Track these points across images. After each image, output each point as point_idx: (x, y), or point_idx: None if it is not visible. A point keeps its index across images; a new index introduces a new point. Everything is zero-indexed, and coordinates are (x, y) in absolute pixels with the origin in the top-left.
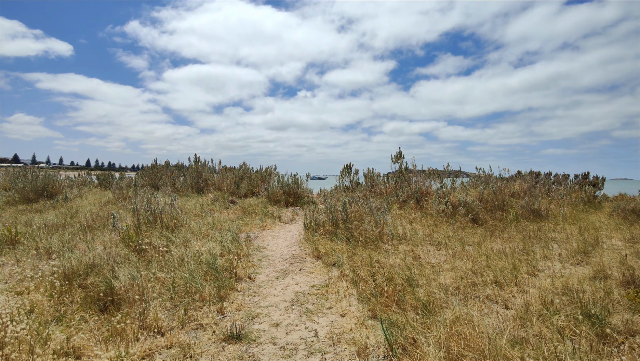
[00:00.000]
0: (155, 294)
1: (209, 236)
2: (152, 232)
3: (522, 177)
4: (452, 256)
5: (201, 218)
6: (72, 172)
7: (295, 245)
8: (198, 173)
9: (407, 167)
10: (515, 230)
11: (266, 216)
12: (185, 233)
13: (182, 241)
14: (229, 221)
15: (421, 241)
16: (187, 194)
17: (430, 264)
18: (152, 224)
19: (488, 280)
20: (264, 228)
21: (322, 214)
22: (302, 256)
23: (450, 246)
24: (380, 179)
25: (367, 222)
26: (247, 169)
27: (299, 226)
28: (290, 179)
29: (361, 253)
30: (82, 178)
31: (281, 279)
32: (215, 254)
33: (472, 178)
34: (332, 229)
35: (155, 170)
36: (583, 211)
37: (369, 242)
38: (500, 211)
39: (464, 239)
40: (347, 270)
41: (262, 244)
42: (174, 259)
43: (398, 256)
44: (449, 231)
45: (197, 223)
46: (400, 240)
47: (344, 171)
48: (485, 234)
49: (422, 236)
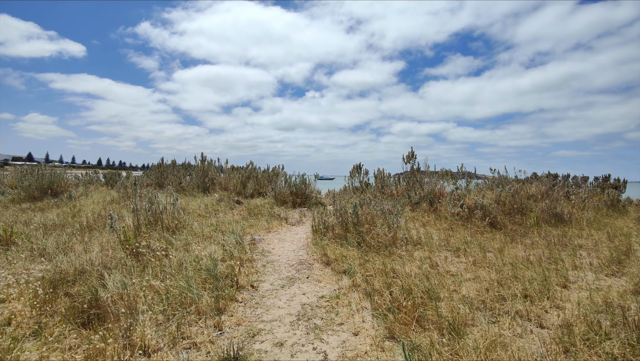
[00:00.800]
0: (146, 306)
1: (211, 238)
2: (152, 234)
3: (538, 180)
4: (472, 264)
5: (205, 218)
6: (81, 171)
7: (302, 249)
8: (204, 173)
9: (419, 167)
10: (537, 236)
11: (272, 218)
12: (186, 235)
13: (183, 244)
14: (233, 223)
15: (437, 247)
16: (192, 193)
17: (449, 273)
18: (152, 225)
19: (516, 293)
20: (269, 230)
21: (331, 216)
22: (310, 262)
23: (470, 253)
24: (390, 180)
25: (380, 226)
26: (253, 169)
27: (307, 228)
28: (297, 179)
29: (374, 259)
30: (89, 177)
31: (287, 288)
32: (217, 259)
33: (485, 180)
34: (342, 233)
35: (161, 169)
36: (607, 216)
37: (382, 247)
38: (520, 215)
39: (483, 244)
40: (359, 279)
41: (267, 248)
42: (172, 264)
43: (414, 264)
44: (466, 235)
45: (200, 224)
46: (414, 245)
47: (353, 171)
48: (505, 240)
49: (437, 241)
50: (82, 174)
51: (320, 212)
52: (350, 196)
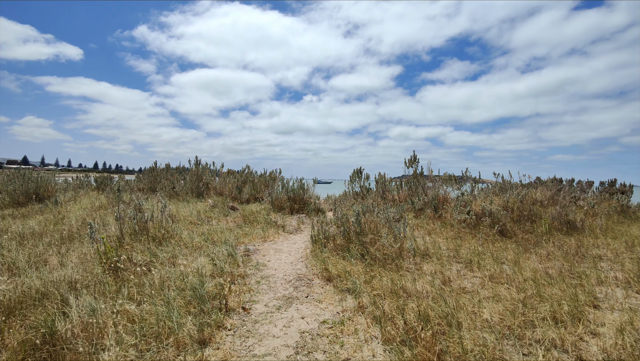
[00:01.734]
0: (114, 340)
1: (201, 249)
2: (136, 245)
3: (543, 184)
4: (489, 279)
5: (197, 226)
6: (72, 175)
7: (300, 262)
8: (198, 177)
9: (422, 172)
10: (553, 245)
11: (268, 225)
12: (174, 246)
13: (169, 257)
14: (226, 231)
15: (447, 259)
16: (186, 198)
17: (464, 290)
18: (137, 235)
19: (545, 315)
20: (265, 239)
21: (331, 225)
22: (309, 277)
23: (484, 266)
24: (392, 185)
25: (385, 236)
26: (250, 173)
27: (305, 237)
28: (295, 184)
29: (380, 274)
30: (80, 181)
31: (283, 310)
32: (205, 275)
33: (488, 185)
34: (344, 244)
35: (154, 173)
36: (619, 223)
37: (388, 260)
38: (529, 222)
39: (495, 255)
40: (365, 300)
41: (263, 261)
42: (154, 281)
43: (425, 280)
44: (475, 245)
45: (191, 234)
46: (423, 257)
47: (353, 175)
48: (518, 250)
49: (446, 251)
50: (73, 178)
51: (320, 220)
52: (352, 202)
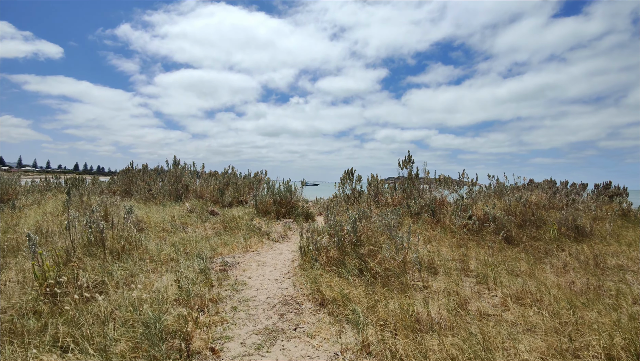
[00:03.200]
0: None
1: (170, 264)
2: (89, 260)
3: (539, 187)
4: (513, 300)
5: (170, 234)
6: (43, 176)
7: (287, 278)
8: (177, 178)
9: (417, 173)
10: (566, 254)
11: (251, 233)
12: (137, 260)
13: (127, 275)
14: (202, 240)
15: (456, 272)
16: (163, 202)
17: (486, 315)
18: (93, 247)
19: (599, 352)
20: (247, 250)
21: (324, 235)
22: (298, 299)
23: (501, 281)
24: (385, 187)
25: (386, 247)
26: (233, 174)
27: (292, 245)
28: (282, 186)
29: (385, 297)
30: (48, 182)
31: (265, 350)
32: (166, 300)
33: (482, 187)
34: (339, 257)
35: (130, 175)
36: (623, 227)
37: (391, 276)
38: (534, 228)
39: (508, 267)
40: (371, 334)
41: (242, 277)
42: (97, 312)
43: (437, 301)
44: (483, 255)
45: (160, 244)
46: (429, 271)
47: (344, 177)
48: (529, 260)
49: (452, 262)
50: (41, 179)
51: (310, 229)
52: (344, 206)
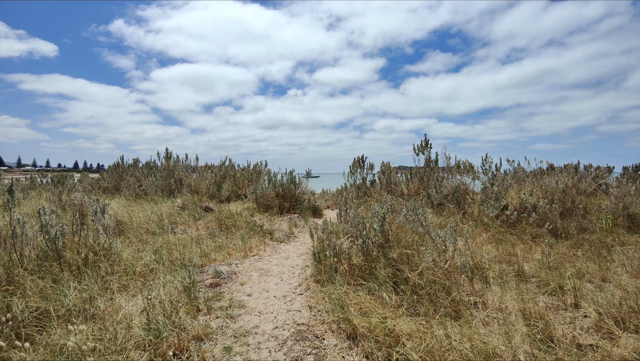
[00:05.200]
0: None
1: (149, 277)
2: (36, 279)
3: (563, 171)
4: (610, 319)
5: (155, 237)
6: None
7: (299, 295)
8: (169, 172)
9: (436, 159)
10: (634, 249)
11: (252, 232)
12: (103, 275)
13: (83, 301)
14: (193, 244)
15: (513, 278)
16: (154, 198)
17: (583, 348)
18: (50, 260)
19: None
20: (247, 254)
21: (344, 237)
22: (318, 330)
23: (583, 293)
24: (399, 176)
25: (428, 251)
26: (231, 167)
27: (300, 246)
28: (285, 177)
29: (442, 325)
30: (33, 181)
31: None
32: (125, 347)
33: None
34: (365, 264)
35: (119, 170)
36: None
37: (438, 291)
38: (580, 217)
39: (570, 267)
40: None
41: (240, 295)
42: None
43: (512, 327)
44: (531, 252)
45: (139, 251)
46: (482, 279)
47: (354, 166)
48: (591, 257)
49: (500, 264)
50: (26, 177)
51: (324, 229)
52: (361, 199)
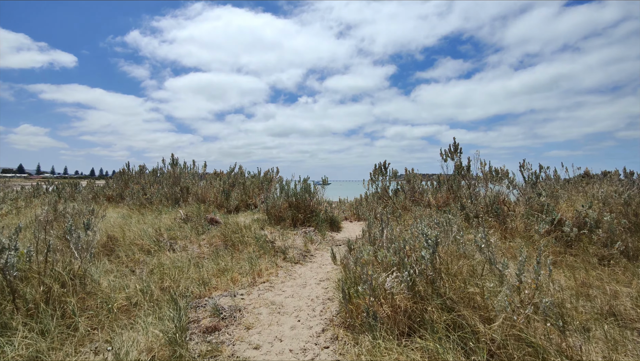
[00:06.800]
0: None
1: (130, 315)
2: None
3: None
4: None
5: (149, 256)
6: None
7: (324, 348)
8: (175, 180)
9: (469, 165)
10: None
11: (261, 250)
12: (69, 313)
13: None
14: (191, 266)
15: (614, 326)
16: (158, 208)
17: None
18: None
19: None
20: (255, 280)
21: (390, 271)
22: None
23: None
24: (424, 184)
25: (504, 291)
26: (240, 174)
27: (319, 270)
28: (298, 185)
29: None
30: (37, 189)
31: None
32: None
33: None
34: (413, 306)
35: (125, 178)
36: None
37: (523, 350)
38: None
39: None
40: None
41: (244, 349)
42: None
43: None
44: (610, 279)
45: (123, 276)
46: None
47: (375, 172)
48: None
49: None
50: (33, 185)
51: (358, 259)
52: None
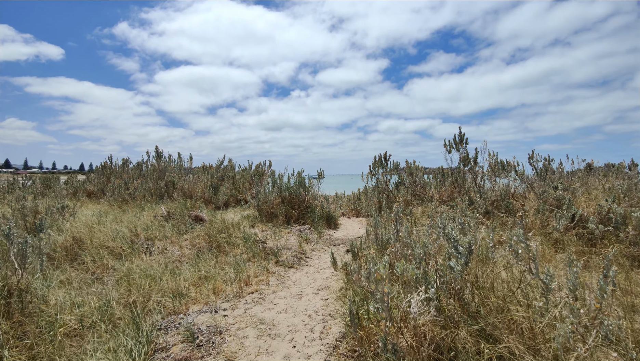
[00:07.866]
0: None
1: (82, 341)
2: None
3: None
4: None
5: (120, 261)
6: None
7: None
8: (160, 174)
9: (475, 157)
10: None
11: (250, 253)
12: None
13: None
14: (166, 273)
15: None
16: (141, 204)
17: None
18: None
19: None
20: (241, 290)
21: (416, 292)
22: None
23: None
24: (426, 177)
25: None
26: (230, 167)
27: (316, 275)
28: (292, 179)
29: None
30: (12, 184)
31: None
32: None
33: None
34: (440, 331)
35: (107, 172)
36: None
37: None
38: None
39: None
40: None
41: None
42: None
43: None
44: None
45: (85, 286)
46: None
47: (375, 165)
48: None
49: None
50: (8, 180)
51: (370, 274)
52: (406, 209)
